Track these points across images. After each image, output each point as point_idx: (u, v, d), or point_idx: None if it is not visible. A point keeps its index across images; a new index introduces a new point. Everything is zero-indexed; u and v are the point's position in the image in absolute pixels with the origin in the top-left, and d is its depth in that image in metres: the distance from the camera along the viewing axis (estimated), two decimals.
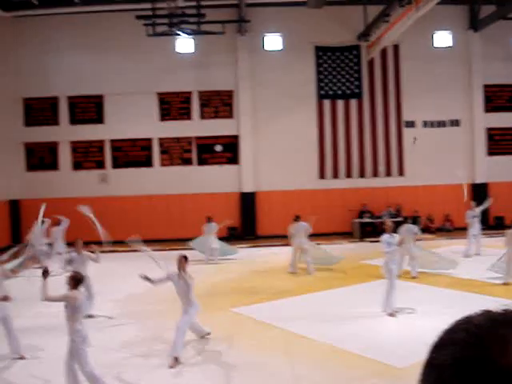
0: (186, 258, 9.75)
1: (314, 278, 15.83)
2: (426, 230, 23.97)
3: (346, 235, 23.56)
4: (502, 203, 22.87)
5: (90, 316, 12.21)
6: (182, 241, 22.59)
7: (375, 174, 24.60)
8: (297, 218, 16.93)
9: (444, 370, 0.86)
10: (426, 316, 11.15)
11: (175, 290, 9.67)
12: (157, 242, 21.17)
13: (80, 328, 7.64)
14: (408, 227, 15.59)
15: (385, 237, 11.98)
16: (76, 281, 7.86)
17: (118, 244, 20.94)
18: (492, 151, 25.13)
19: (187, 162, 24.52)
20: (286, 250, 19.07)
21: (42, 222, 19.59)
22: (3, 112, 23.66)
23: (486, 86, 24.87)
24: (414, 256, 15.27)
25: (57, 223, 19.66)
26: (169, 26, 20.20)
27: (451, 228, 24.01)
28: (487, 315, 0.92)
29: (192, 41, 23.80)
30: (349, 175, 24.59)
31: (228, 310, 12.57)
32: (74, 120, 24.42)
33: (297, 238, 16.68)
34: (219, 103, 24.47)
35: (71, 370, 7.66)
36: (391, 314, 11.42)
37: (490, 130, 25.07)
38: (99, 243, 13.93)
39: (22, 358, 9.69)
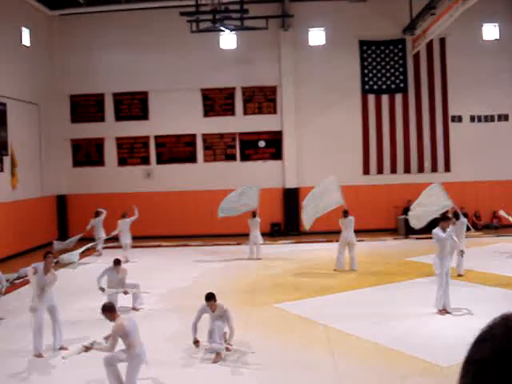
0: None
1: (358, 275, 15.70)
2: (472, 226, 23.53)
3: (391, 232, 23.29)
4: None
5: (134, 309, 12.37)
6: (224, 236, 22.72)
7: (421, 169, 24.24)
8: (345, 213, 16.81)
9: (483, 363, 0.86)
10: (474, 315, 10.95)
11: None
12: (200, 237, 21.39)
13: (137, 352, 7.72)
14: (461, 221, 15.48)
15: (435, 230, 11.76)
16: (110, 310, 7.90)
17: (163, 239, 21.21)
18: None
19: (230, 157, 24.60)
20: (329, 246, 19.01)
21: (97, 213, 20.34)
22: (51, 109, 24.13)
23: None
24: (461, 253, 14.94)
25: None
26: (212, 22, 20.25)
27: (498, 225, 23.50)
28: None
29: (235, 37, 23.85)
30: (394, 171, 24.29)
31: (272, 305, 12.57)
32: (120, 116, 24.74)
33: (345, 233, 16.57)
34: (262, 99, 24.46)
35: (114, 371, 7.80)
36: (440, 312, 11.22)
37: None
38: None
39: (64, 349, 9.87)
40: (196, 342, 9.26)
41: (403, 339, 9.76)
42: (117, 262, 12.47)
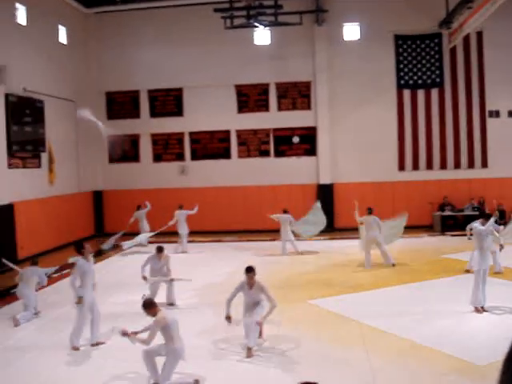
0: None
1: (393, 272, 15.56)
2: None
3: (426, 228, 23.03)
4: None
5: (171, 304, 12.46)
6: (259, 232, 22.75)
7: (457, 165, 23.90)
8: (370, 211, 16.64)
9: None
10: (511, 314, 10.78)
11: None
12: (234, 232, 21.46)
13: (176, 347, 7.82)
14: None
15: (475, 224, 11.58)
16: (150, 305, 7.98)
17: (197, 234, 21.33)
18: None
19: (265, 153, 24.59)
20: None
21: (139, 207, 20.87)
22: (87, 106, 24.33)
23: None
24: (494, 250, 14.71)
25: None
26: (246, 18, 20.27)
27: None
28: None
29: (269, 32, 23.81)
30: (429, 167, 23.98)
31: (305, 301, 12.55)
32: (154, 113, 24.94)
33: (370, 232, 16.39)
34: (297, 95, 24.39)
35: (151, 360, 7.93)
36: (476, 310, 11.06)
37: None
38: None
39: (100, 343, 10.02)
40: (228, 318, 9.34)
41: (439, 337, 9.65)
42: (159, 250, 12.55)
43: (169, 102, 24.84)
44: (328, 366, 8.48)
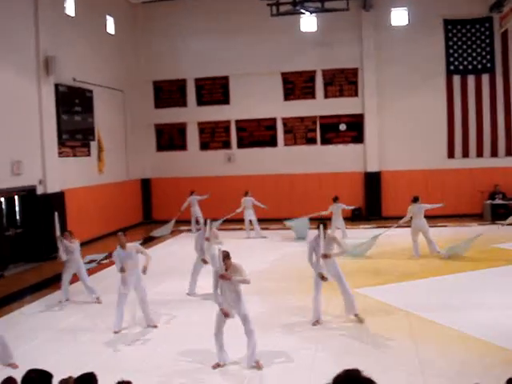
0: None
1: (441, 261, 15.33)
2: None
3: (476, 217, 22.59)
4: None
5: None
6: None
7: (509, 152, 23.33)
8: (415, 199, 16.39)
9: None
10: None
11: None
12: (281, 220, 21.42)
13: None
14: None
15: None
16: (228, 256, 8.47)
17: (244, 222, 21.38)
18: None
19: (311, 141, 24.48)
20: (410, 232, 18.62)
21: (192, 192, 22.01)
22: (135, 95, 24.74)
23: None
24: None
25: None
26: (292, 4, 20.14)
27: None
28: None
29: (315, 19, 23.61)
30: (480, 154, 23.47)
31: (352, 290, 12.46)
32: (201, 101, 25.07)
33: (416, 220, 16.16)
34: (343, 81, 24.16)
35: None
36: None
37: None
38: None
39: (154, 326, 10.22)
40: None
41: (487, 328, 9.48)
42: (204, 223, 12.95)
43: (215, 90, 24.93)
44: (375, 356, 8.43)
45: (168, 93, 25.23)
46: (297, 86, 24.39)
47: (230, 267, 8.48)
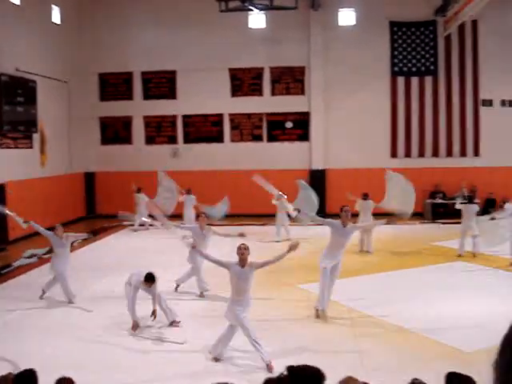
0: None
1: (383, 258, 15.65)
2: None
3: (418, 216, 23.08)
4: None
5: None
6: (250, 216, 22.78)
7: (449, 153, 23.96)
8: (365, 196, 16.77)
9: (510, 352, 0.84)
10: (499, 301, 10.86)
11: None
12: (226, 216, 21.40)
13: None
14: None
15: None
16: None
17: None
18: None
19: (258, 138, 24.57)
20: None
21: (139, 190, 21.16)
22: (80, 87, 24.28)
23: None
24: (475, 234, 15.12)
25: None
26: (241, 1, 20.14)
27: None
28: None
29: (264, 16, 23.68)
30: (422, 154, 24.03)
31: (296, 286, 12.61)
32: (148, 95, 24.83)
33: (365, 218, 16.53)
34: (290, 79, 24.32)
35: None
36: None
37: None
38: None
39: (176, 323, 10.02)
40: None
41: (427, 323, 9.73)
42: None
43: (162, 84, 24.73)
44: (317, 350, 8.54)
45: (114, 85, 24.88)
46: (244, 82, 24.43)
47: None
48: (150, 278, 9.47)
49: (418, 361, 8.07)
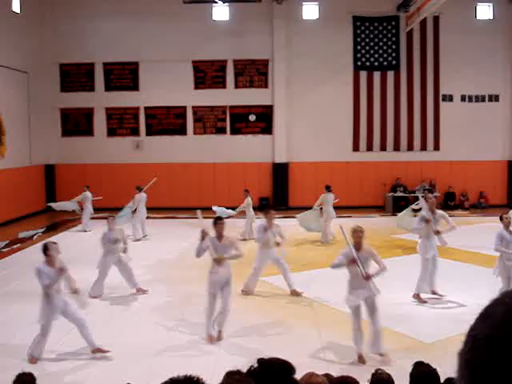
0: None
1: None
2: (459, 206, 23.72)
3: (379, 209, 23.40)
4: None
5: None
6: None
7: (410, 147, 24.29)
8: (328, 188, 16.97)
9: (479, 341, 0.85)
10: (459, 292, 11.05)
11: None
12: (189, 209, 21.34)
13: None
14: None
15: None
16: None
17: (151, 211, 21.15)
18: None
19: (221, 130, 24.51)
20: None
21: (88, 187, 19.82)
22: (41, 78, 23.84)
23: None
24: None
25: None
26: None
27: (485, 205, 23.67)
28: None
29: (228, 8, 23.60)
30: (383, 148, 24.32)
31: (259, 278, 12.61)
32: (109, 86, 24.53)
33: (328, 208, 16.78)
34: (254, 72, 24.32)
35: None
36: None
37: None
38: None
39: None
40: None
41: (389, 315, 9.84)
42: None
43: (124, 75, 24.46)
44: (279, 342, 8.59)
45: (75, 76, 24.50)
46: (207, 74, 24.33)
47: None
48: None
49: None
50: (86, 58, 24.25)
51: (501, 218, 10.17)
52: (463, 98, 24.28)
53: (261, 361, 3.07)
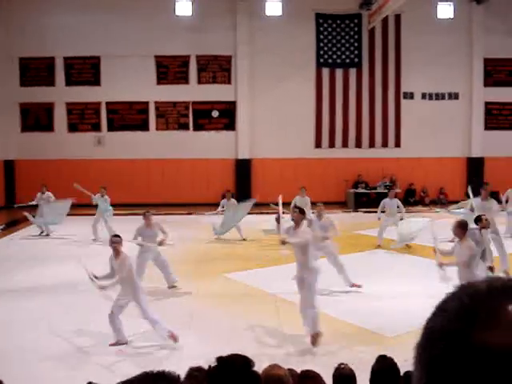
0: None
1: None
2: (420, 202, 24.07)
3: (341, 205, 23.59)
4: (498, 178, 22.87)
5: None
6: (176, 206, 22.60)
7: (372, 144, 24.54)
8: (302, 189, 17.05)
9: (434, 333, 0.87)
10: (420, 287, 11.21)
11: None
12: (151, 205, 21.20)
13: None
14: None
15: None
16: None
17: (113, 207, 20.91)
18: (490, 126, 25.07)
19: (183, 126, 24.39)
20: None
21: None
22: (0, 72, 23.37)
23: (487, 60, 24.69)
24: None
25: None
26: None
27: (445, 201, 24.05)
28: (490, 283, 0.90)
29: (190, 3, 23.44)
30: (345, 145, 24.52)
31: (221, 275, 12.63)
32: (70, 81, 24.18)
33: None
34: (217, 68, 24.25)
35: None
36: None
37: (488, 104, 24.97)
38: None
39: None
40: None
41: (351, 310, 9.95)
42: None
43: (86, 70, 24.14)
44: (243, 339, 8.59)
45: (35, 71, 24.06)
46: (170, 70, 24.18)
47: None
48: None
49: (342, 346, 8.25)
50: (47, 51, 23.84)
51: (480, 220, 9.98)
52: (424, 96, 24.64)
53: (219, 359, 3.09)
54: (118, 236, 8.89)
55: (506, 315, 0.82)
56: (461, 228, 8.56)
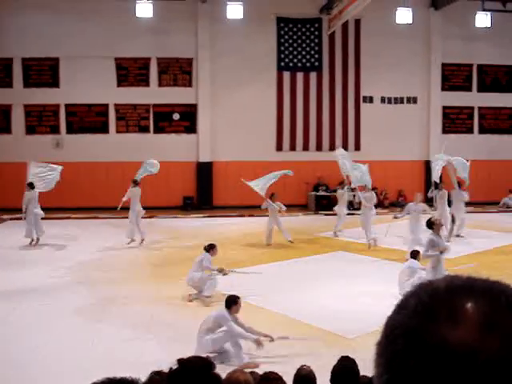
0: None
1: (268, 250, 15.92)
2: (379, 205, 24.32)
3: (302, 207, 23.74)
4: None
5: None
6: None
7: (332, 147, 24.72)
8: (272, 196, 16.98)
9: (394, 330, 0.89)
10: (381, 288, 11.34)
11: None
12: (111, 209, 21.00)
13: None
14: None
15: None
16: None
17: (72, 211, 20.69)
18: (447, 129, 25.57)
19: (144, 129, 24.23)
20: (240, 221, 19.20)
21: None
22: None
23: (444, 65, 25.18)
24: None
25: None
26: None
27: (404, 203, 24.33)
28: (448, 280, 0.92)
29: (151, 5, 23.27)
30: (306, 148, 24.68)
31: (182, 278, 12.55)
32: (28, 83, 23.77)
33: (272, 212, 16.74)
34: (178, 71, 24.16)
35: None
36: None
37: (445, 108, 25.47)
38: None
39: None
40: None
41: (312, 312, 10.01)
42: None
43: (44, 71, 23.76)
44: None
45: None
46: (131, 72, 23.98)
47: None
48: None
49: (304, 348, 8.29)
50: (4, 52, 23.39)
51: (432, 223, 10.05)
52: (383, 100, 24.99)
53: (180, 361, 3.10)
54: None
55: (464, 312, 0.85)
56: None
